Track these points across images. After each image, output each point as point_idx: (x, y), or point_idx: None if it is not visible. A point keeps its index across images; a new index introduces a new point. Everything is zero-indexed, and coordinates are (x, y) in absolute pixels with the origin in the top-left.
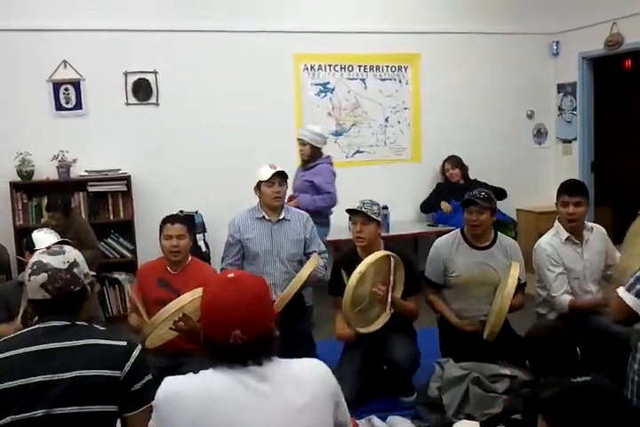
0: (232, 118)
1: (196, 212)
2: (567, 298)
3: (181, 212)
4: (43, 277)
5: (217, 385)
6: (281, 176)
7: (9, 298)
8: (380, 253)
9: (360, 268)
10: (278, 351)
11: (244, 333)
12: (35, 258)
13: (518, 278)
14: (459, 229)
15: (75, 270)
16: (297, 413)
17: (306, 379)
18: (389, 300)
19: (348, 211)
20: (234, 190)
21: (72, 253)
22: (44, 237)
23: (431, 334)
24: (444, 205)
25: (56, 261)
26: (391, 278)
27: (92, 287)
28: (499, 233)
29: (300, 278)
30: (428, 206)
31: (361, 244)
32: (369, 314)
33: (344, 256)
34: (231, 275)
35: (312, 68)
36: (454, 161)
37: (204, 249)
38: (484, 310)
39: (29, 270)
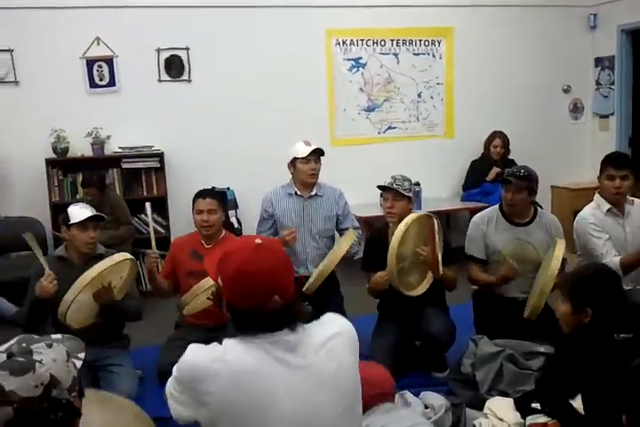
0: (263, 95)
1: (228, 188)
2: (616, 259)
3: (213, 188)
4: (6, 412)
5: (248, 359)
6: (317, 153)
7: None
8: (421, 212)
9: (405, 222)
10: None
11: (282, 297)
12: None
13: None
14: (497, 206)
15: (54, 393)
16: (328, 380)
17: (333, 344)
18: (439, 260)
19: (380, 187)
20: (265, 167)
21: (47, 365)
22: (79, 212)
23: (463, 310)
24: (492, 173)
25: (24, 387)
26: (436, 239)
27: (82, 394)
28: (539, 210)
29: (338, 253)
30: (469, 185)
31: (392, 219)
32: (409, 278)
33: (376, 232)
34: (258, 241)
35: (344, 43)
36: (504, 139)
37: (235, 225)
38: (523, 286)
39: None
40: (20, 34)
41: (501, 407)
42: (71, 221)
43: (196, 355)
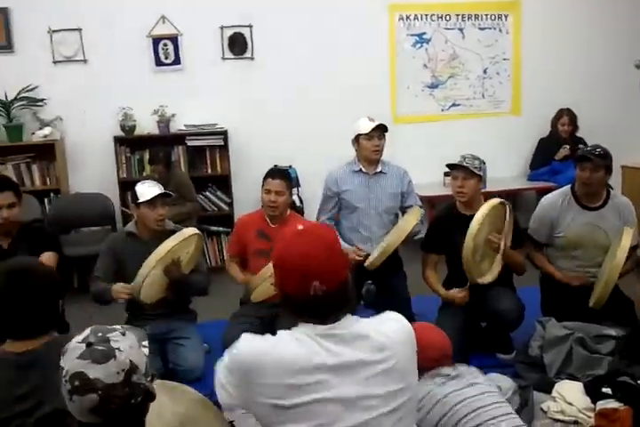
0: (326, 71)
1: (290, 166)
2: None
3: (275, 166)
4: (91, 399)
5: (299, 352)
6: (380, 129)
7: (118, 249)
8: (495, 200)
9: (481, 212)
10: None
11: (323, 282)
12: (73, 366)
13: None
14: (569, 187)
15: (134, 378)
16: (377, 378)
17: (386, 343)
18: (503, 248)
19: (449, 166)
20: (327, 145)
21: (125, 351)
22: (148, 190)
23: (529, 292)
24: (561, 152)
25: (107, 374)
26: (506, 227)
27: (153, 381)
28: (611, 192)
29: (404, 229)
30: (537, 164)
31: (462, 199)
32: (481, 266)
33: (443, 212)
34: (300, 227)
35: (407, 18)
36: (571, 116)
37: (297, 204)
38: (591, 272)
39: (68, 385)
40: (88, 13)
41: (570, 391)
42: (140, 200)
43: (248, 345)
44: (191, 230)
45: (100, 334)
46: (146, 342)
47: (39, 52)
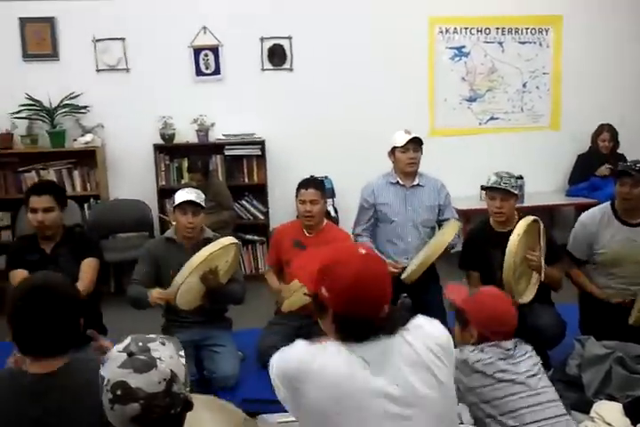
0: (363, 83)
1: (326, 177)
2: None
3: (311, 176)
4: (133, 408)
5: (344, 363)
6: (416, 142)
7: (157, 254)
8: (529, 218)
9: (517, 232)
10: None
11: (388, 306)
12: (114, 375)
13: None
14: (608, 203)
15: (174, 388)
16: (419, 394)
17: (421, 352)
18: (543, 265)
19: (487, 188)
20: (363, 157)
21: (166, 361)
22: (182, 195)
23: (567, 310)
24: (602, 170)
25: (149, 384)
26: (541, 244)
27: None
28: None
29: (441, 243)
30: (576, 180)
31: (500, 219)
32: (519, 284)
33: (477, 228)
34: (362, 251)
35: (447, 31)
36: (612, 132)
37: (332, 214)
38: (631, 290)
39: (110, 394)
40: (132, 23)
41: (609, 412)
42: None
43: (298, 353)
44: (229, 239)
45: (140, 344)
46: (182, 353)
47: (83, 60)
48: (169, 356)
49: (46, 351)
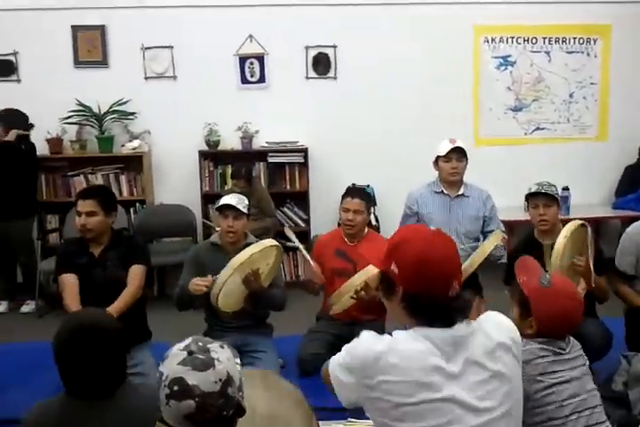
0: (407, 92)
1: (368, 185)
2: None
3: (353, 185)
4: (188, 405)
5: (418, 351)
6: (459, 152)
7: (202, 259)
8: (576, 222)
9: (563, 235)
10: None
11: (458, 283)
12: (173, 371)
13: None
14: None
15: (229, 391)
16: (489, 381)
17: (495, 346)
18: (592, 270)
19: (530, 195)
20: (406, 165)
21: (223, 363)
22: (224, 199)
23: (613, 323)
24: None
25: (206, 382)
26: (589, 249)
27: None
28: None
29: (483, 252)
30: (622, 192)
31: (544, 227)
32: None
33: (522, 242)
34: (432, 228)
35: (492, 40)
36: None
37: (373, 222)
38: None
39: (167, 389)
40: (180, 31)
41: None
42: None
43: (370, 342)
44: (270, 241)
45: (200, 344)
46: (238, 360)
47: (132, 67)
48: (226, 358)
49: (94, 395)
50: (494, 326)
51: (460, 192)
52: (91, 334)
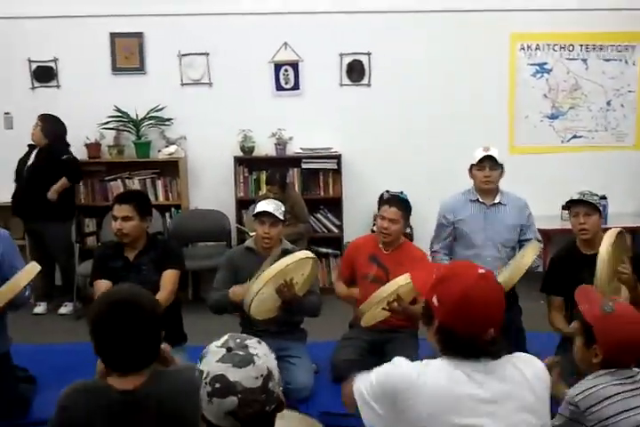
0: (442, 99)
1: (401, 192)
2: None
3: (387, 192)
4: (231, 402)
5: (448, 379)
6: (492, 160)
7: (236, 263)
8: (615, 230)
9: (607, 242)
10: None
11: (496, 331)
12: (214, 369)
13: None
14: None
15: (270, 385)
16: (520, 412)
17: (528, 377)
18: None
19: (571, 202)
20: (440, 172)
21: (262, 358)
22: (260, 205)
23: None
24: None
25: (247, 378)
26: (627, 257)
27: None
28: None
29: (522, 265)
30: None
31: (585, 236)
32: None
33: (563, 252)
34: (481, 271)
35: (529, 47)
36: None
37: (407, 231)
38: None
39: (209, 387)
40: (216, 39)
41: None
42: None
43: (402, 367)
44: (305, 253)
45: (238, 341)
46: (274, 356)
47: (169, 74)
48: (264, 354)
49: (130, 368)
50: (529, 363)
51: (497, 200)
52: (127, 308)
